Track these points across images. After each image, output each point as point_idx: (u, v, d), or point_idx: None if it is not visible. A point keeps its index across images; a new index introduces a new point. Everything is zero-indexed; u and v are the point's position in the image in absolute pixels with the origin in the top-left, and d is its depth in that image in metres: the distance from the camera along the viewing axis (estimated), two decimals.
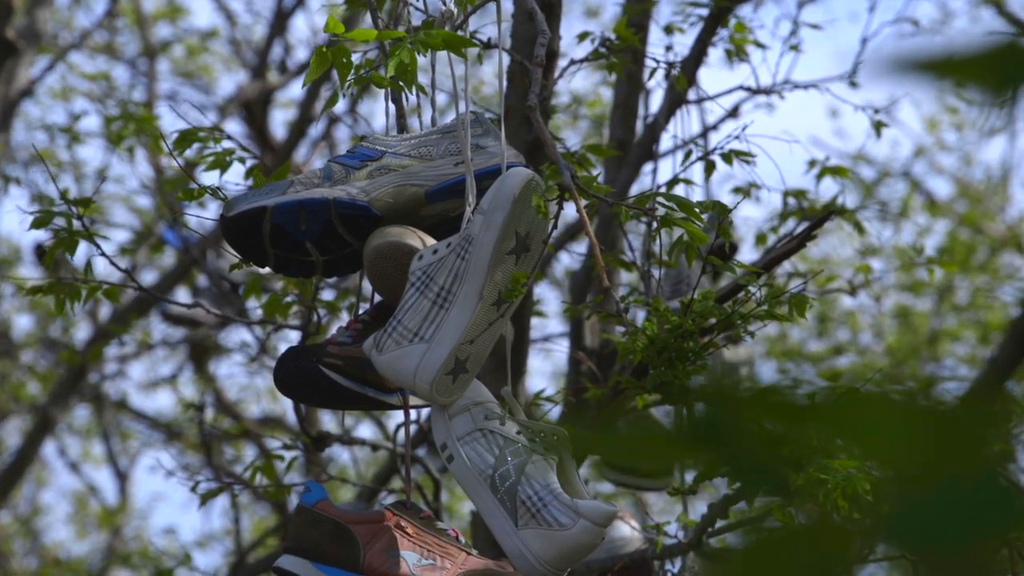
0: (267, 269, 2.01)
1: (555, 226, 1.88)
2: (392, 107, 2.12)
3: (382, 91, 2.11)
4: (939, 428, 0.84)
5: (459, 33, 2.06)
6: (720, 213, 2.06)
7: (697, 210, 1.95)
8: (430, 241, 1.95)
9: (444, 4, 2.07)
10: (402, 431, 2.44)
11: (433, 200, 1.98)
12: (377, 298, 2.05)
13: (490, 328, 1.91)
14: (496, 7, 2.05)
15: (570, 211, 2.06)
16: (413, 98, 2.08)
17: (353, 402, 2.00)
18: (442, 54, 2.01)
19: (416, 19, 2.19)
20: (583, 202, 1.88)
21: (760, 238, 3.51)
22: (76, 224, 2.42)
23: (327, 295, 3.48)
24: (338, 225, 1.96)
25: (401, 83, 1.86)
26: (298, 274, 2.00)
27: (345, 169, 1.99)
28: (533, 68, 1.92)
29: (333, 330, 2.05)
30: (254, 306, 3.21)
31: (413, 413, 2.87)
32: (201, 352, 6.36)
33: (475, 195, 1.95)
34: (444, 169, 1.99)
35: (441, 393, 1.89)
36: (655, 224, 1.95)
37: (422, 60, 1.90)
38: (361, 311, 2.07)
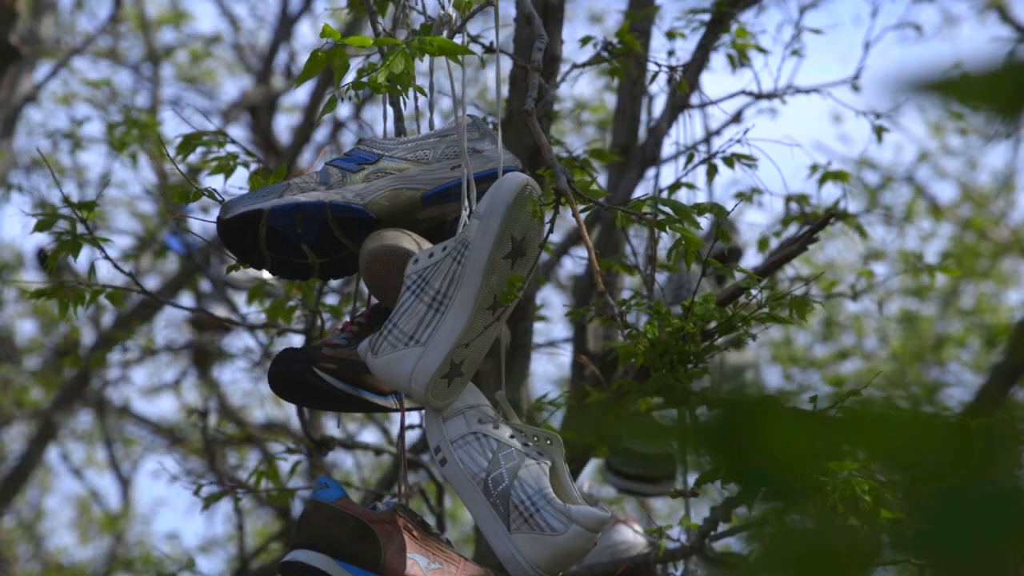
0: (264, 271, 2.01)
1: (551, 230, 1.87)
2: (391, 111, 2.12)
3: (383, 96, 2.11)
4: (950, 435, 0.83)
5: (457, 37, 2.06)
6: (717, 215, 2.06)
7: (695, 213, 1.94)
8: (426, 245, 1.95)
9: (443, 8, 2.07)
10: (405, 436, 2.44)
11: (429, 204, 1.98)
12: (374, 301, 2.05)
13: (485, 332, 1.90)
14: (494, 11, 2.05)
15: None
16: (412, 103, 2.08)
17: (348, 404, 2.00)
18: (442, 58, 2.01)
19: (417, 23, 2.19)
20: (579, 206, 1.88)
21: (763, 243, 3.50)
22: (80, 228, 2.42)
23: (331, 299, 3.47)
24: (334, 228, 1.96)
25: (398, 87, 1.86)
26: (294, 276, 2.01)
27: (342, 172, 1.99)
28: (531, 71, 1.91)
29: None
30: (257, 311, 3.21)
31: (417, 418, 2.88)
32: (204, 357, 6.36)
33: (471, 199, 1.95)
34: (441, 173, 1.99)
35: (436, 396, 1.89)
36: (653, 228, 1.95)
37: (422, 65, 1.90)
38: (357, 314, 2.07)
